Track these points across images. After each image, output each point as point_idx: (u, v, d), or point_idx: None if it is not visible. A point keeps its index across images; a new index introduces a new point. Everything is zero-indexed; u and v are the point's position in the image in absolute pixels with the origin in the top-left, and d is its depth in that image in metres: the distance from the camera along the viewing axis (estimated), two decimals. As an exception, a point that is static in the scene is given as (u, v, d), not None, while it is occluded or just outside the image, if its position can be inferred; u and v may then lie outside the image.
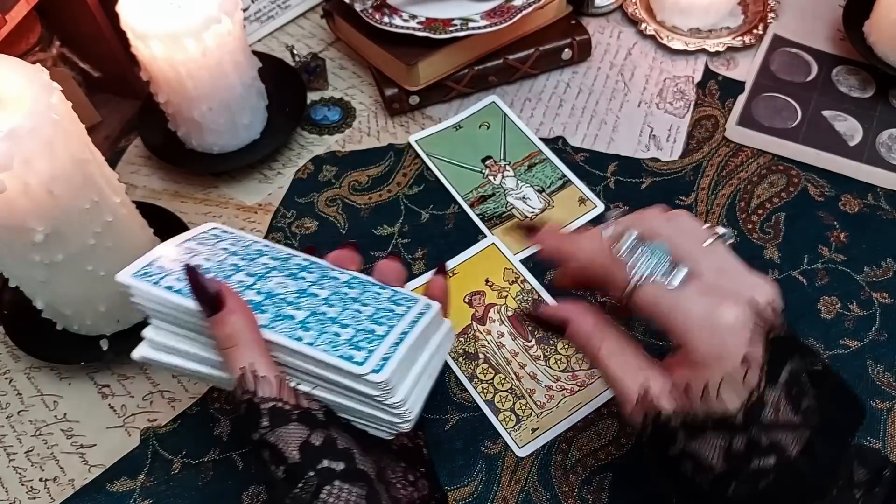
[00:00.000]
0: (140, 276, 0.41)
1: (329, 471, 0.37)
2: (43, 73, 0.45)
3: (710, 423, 0.35)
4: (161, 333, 0.42)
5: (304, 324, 0.41)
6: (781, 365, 0.35)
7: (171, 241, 0.45)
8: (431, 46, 0.66)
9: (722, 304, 0.35)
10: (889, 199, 0.62)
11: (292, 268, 0.45)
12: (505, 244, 0.61)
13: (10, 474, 0.52)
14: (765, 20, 0.74)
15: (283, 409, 0.38)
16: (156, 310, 0.41)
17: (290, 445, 0.37)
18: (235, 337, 0.39)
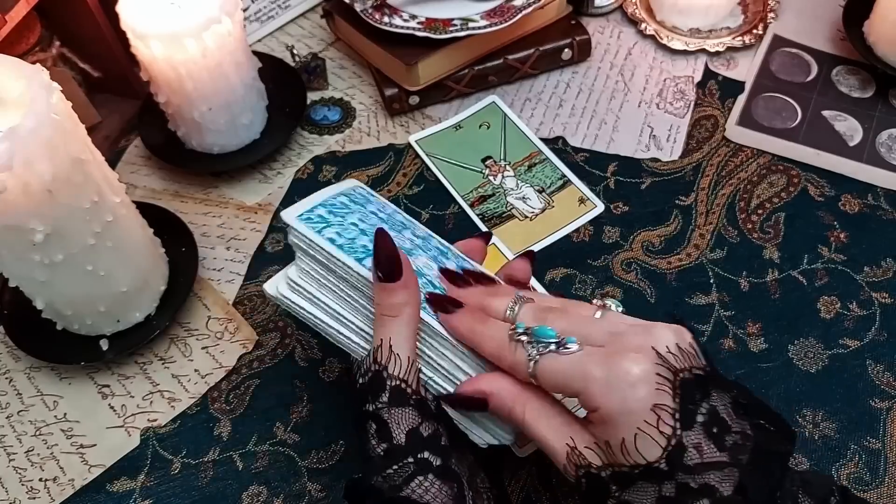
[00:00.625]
0: (303, 220, 0.42)
1: (427, 462, 0.38)
2: (43, 73, 0.45)
3: (637, 473, 0.35)
4: (304, 277, 0.43)
5: None
6: (696, 405, 0.35)
7: (325, 192, 0.45)
8: (431, 46, 0.66)
9: (620, 359, 0.35)
10: (889, 199, 0.62)
11: (433, 250, 0.46)
12: (504, 244, 0.61)
13: (10, 474, 0.52)
14: (765, 20, 0.74)
15: (405, 390, 0.39)
16: (311, 255, 0.42)
17: (400, 427, 0.38)
18: (399, 308, 0.40)
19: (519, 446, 0.45)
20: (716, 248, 0.60)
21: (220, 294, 0.60)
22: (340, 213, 0.44)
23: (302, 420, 0.53)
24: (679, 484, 0.34)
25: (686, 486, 0.34)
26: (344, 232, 0.42)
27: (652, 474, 0.35)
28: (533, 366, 0.38)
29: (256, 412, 0.54)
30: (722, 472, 0.34)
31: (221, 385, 0.55)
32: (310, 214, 0.43)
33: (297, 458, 0.52)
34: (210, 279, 0.61)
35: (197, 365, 0.56)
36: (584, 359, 0.37)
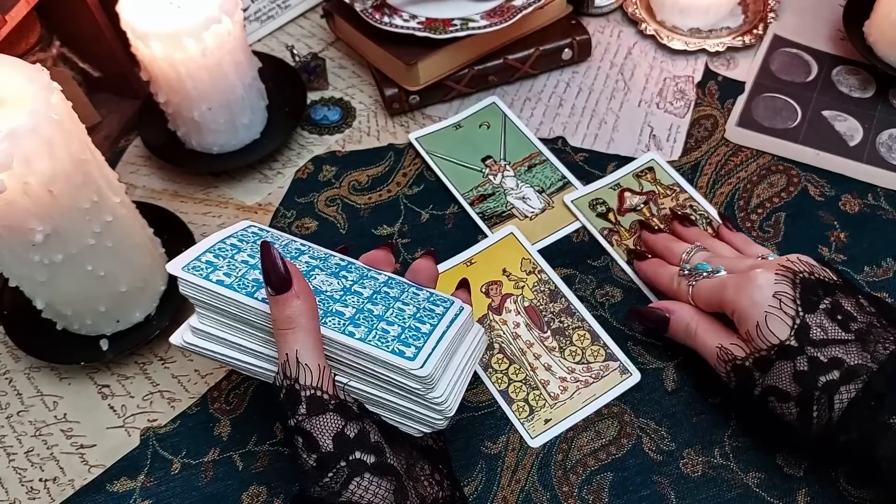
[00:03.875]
0: (189, 269, 0.43)
1: (360, 463, 0.38)
2: (43, 73, 0.45)
3: (773, 353, 0.43)
4: (206, 322, 0.44)
5: (353, 320, 0.42)
6: (817, 296, 0.44)
7: (213, 237, 0.47)
8: (431, 46, 0.66)
9: (749, 271, 0.47)
10: (889, 199, 0.62)
11: (332, 267, 0.47)
12: (523, 234, 0.61)
13: (9, 474, 0.52)
14: (765, 20, 0.74)
15: (321, 398, 0.39)
16: (204, 301, 0.43)
17: (324, 434, 0.38)
18: (294, 320, 0.40)
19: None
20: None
21: (220, 294, 0.60)
22: (228, 254, 0.45)
23: (302, 420, 0.53)
24: (810, 358, 0.42)
25: (816, 360, 0.42)
26: (232, 270, 0.44)
27: (785, 352, 0.43)
28: (691, 289, 0.50)
29: (256, 412, 0.54)
30: (847, 347, 0.42)
31: (221, 385, 0.55)
32: (196, 262, 0.44)
33: (297, 458, 0.52)
34: (210, 279, 0.61)
35: (197, 365, 0.56)
36: (725, 279, 0.48)
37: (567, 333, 0.56)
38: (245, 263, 0.45)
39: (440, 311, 0.46)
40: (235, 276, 0.43)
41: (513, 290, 0.58)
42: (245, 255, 0.45)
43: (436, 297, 0.48)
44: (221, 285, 0.42)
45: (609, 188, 0.64)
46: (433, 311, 0.46)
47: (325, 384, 0.39)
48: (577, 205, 0.63)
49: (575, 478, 0.50)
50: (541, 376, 0.54)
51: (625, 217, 0.62)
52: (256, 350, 0.44)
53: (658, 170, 0.65)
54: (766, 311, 0.44)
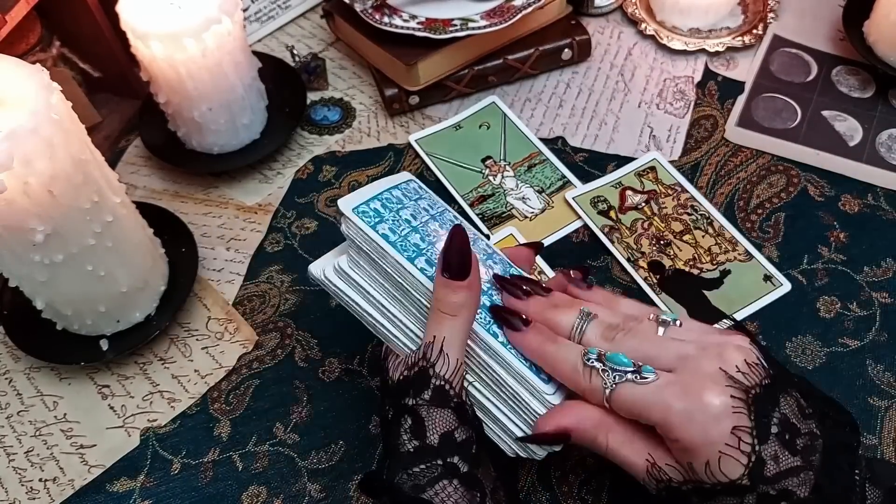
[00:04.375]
0: (359, 213, 0.42)
1: (455, 468, 0.37)
2: (43, 73, 0.45)
3: (719, 489, 0.36)
4: (354, 268, 0.43)
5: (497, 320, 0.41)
6: (769, 417, 0.36)
7: (379, 184, 0.45)
8: (431, 46, 0.66)
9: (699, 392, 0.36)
10: (889, 199, 0.62)
11: (481, 252, 0.45)
12: (523, 235, 0.61)
13: (9, 474, 0.52)
14: (765, 20, 0.74)
15: (448, 392, 0.39)
16: (363, 249, 0.42)
17: (435, 428, 0.38)
18: (458, 308, 0.39)
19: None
20: (716, 248, 0.60)
21: (219, 294, 0.60)
22: (394, 207, 0.44)
23: (302, 420, 0.53)
24: (760, 494, 0.35)
25: (766, 495, 0.35)
26: (397, 228, 0.42)
27: (734, 490, 0.36)
28: (609, 393, 0.38)
29: (256, 412, 0.54)
30: (798, 477, 0.35)
31: (221, 385, 0.55)
32: (365, 207, 0.43)
33: (297, 459, 0.52)
34: (210, 279, 0.61)
35: (197, 365, 0.56)
36: (663, 390, 0.37)
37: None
38: (408, 223, 0.43)
39: None
40: (399, 235, 0.42)
41: (513, 290, 0.58)
42: (408, 214, 0.44)
43: None
44: (386, 241, 0.41)
45: (611, 186, 0.64)
46: None
47: (456, 380, 0.39)
48: (579, 202, 0.63)
49: (575, 478, 0.50)
50: (541, 376, 0.54)
51: (626, 215, 0.62)
52: (394, 314, 0.43)
53: (660, 169, 0.65)
54: (720, 450, 0.35)
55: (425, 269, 0.41)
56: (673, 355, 0.38)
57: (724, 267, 0.58)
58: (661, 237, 0.60)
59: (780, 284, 0.57)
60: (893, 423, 0.51)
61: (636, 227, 0.61)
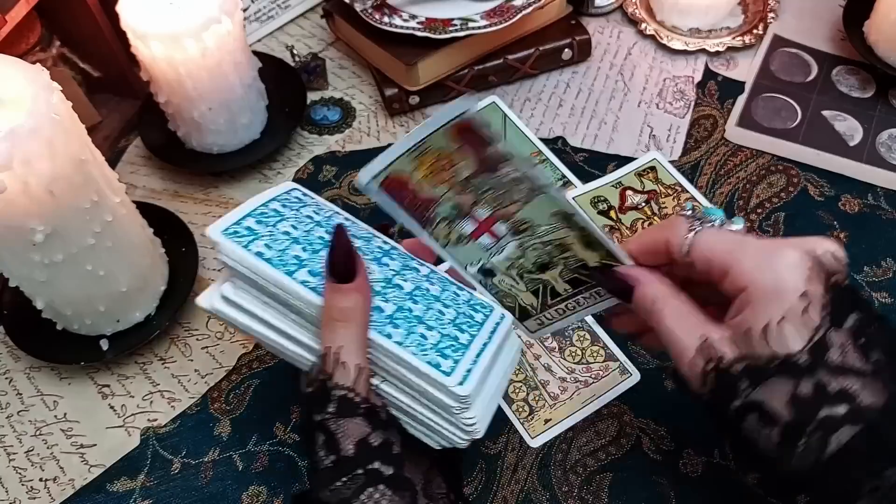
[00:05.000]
0: (229, 235, 0.40)
1: (377, 473, 0.36)
2: (43, 73, 0.45)
3: (774, 366, 0.33)
4: (237, 292, 0.41)
5: (392, 319, 0.40)
6: (845, 311, 0.34)
7: (256, 199, 0.43)
8: (431, 46, 0.66)
9: (779, 243, 0.35)
10: (889, 199, 0.62)
11: (375, 251, 0.44)
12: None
13: (10, 474, 0.52)
14: (765, 20, 0.74)
15: (353, 400, 0.37)
16: (239, 270, 0.40)
17: (348, 438, 0.37)
18: (348, 313, 0.38)
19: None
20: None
21: (220, 294, 0.60)
22: (271, 221, 0.42)
23: (302, 420, 0.53)
24: (817, 383, 0.33)
25: (823, 388, 0.33)
26: (274, 243, 0.40)
27: (789, 368, 0.33)
28: (692, 237, 0.37)
29: (256, 412, 0.54)
30: (864, 380, 0.33)
31: (221, 385, 0.55)
32: (236, 227, 0.41)
33: (297, 458, 0.52)
34: (210, 279, 0.61)
35: (197, 365, 0.56)
36: (744, 238, 0.36)
37: (567, 334, 0.56)
38: (287, 236, 0.41)
39: (480, 319, 0.42)
40: (276, 250, 0.40)
41: (513, 289, 0.58)
42: (288, 226, 0.42)
43: (476, 302, 0.44)
44: (261, 258, 0.39)
45: (611, 186, 0.64)
46: (473, 319, 0.42)
47: (360, 386, 0.38)
48: (579, 202, 0.63)
49: (575, 478, 0.50)
50: (540, 377, 0.54)
51: (626, 215, 0.62)
52: (289, 333, 0.41)
53: (660, 169, 0.65)
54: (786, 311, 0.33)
55: (307, 282, 0.39)
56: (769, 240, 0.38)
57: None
58: (661, 237, 0.60)
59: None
60: (893, 422, 0.51)
61: (636, 227, 0.61)
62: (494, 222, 0.44)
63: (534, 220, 0.43)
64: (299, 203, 0.44)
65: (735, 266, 0.35)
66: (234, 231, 0.40)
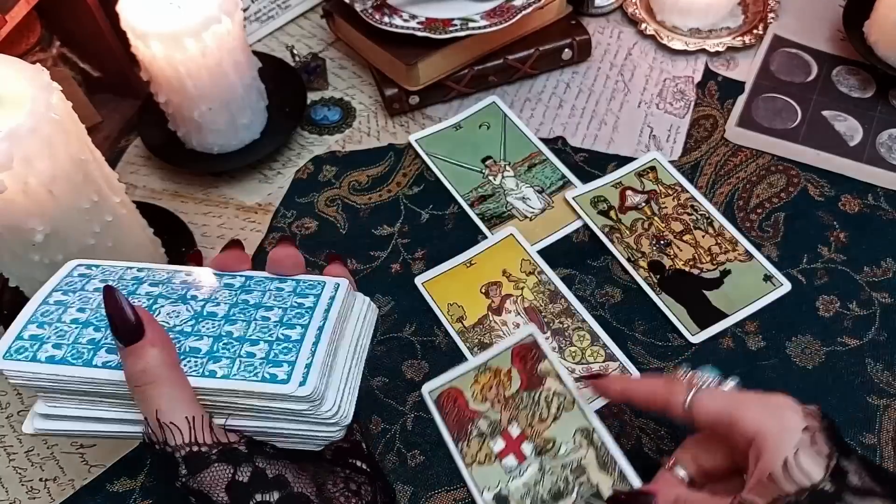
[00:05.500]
0: (12, 356, 0.37)
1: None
2: (43, 73, 0.45)
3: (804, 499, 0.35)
4: (52, 403, 0.38)
5: (211, 354, 0.37)
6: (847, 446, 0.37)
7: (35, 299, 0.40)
8: (431, 46, 0.66)
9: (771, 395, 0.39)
10: (889, 199, 0.62)
11: (178, 288, 0.41)
12: (523, 235, 0.61)
13: (10, 474, 0.52)
14: (765, 20, 0.74)
15: (199, 452, 0.35)
16: (41, 385, 0.37)
17: (215, 488, 0.34)
18: (151, 372, 0.35)
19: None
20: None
21: (220, 294, 0.60)
22: (54, 316, 0.39)
23: (302, 420, 0.53)
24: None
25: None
26: (62, 338, 0.38)
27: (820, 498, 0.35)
28: (692, 397, 0.41)
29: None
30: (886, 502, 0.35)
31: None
32: (19, 343, 0.38)
33: (297, 458, 0.52)
34: (210, 279, 0.61)
35: (197, 365, 0.56)
36: (741, 395, 0.40)
37: (567, 334, 0.56)
38: (75, 323, 0.38)
39: (311, 303, 0.40)
40: (67, 344, 0.37)
41: (512, 290, 0.58)
42: (74, 312, 0.39)
43: (304, 285, 0.41)
44: (53, 362, 0.36)
45: (611, 186, 0.64)
46: (302, 307, 0.39)
47: (201, 435, 0.35)
48: (579, 202, 0.63)
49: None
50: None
51: (626, 215, 0.62)
52: (120, 417, 0.38)
53: (660, 169, 0.65)
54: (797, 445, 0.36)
55: (108, 362, 0.37)
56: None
57: (725, 267, 0.58)
58: (661, 237, 0.60)
59: (780, 284, 0.57)
60: (892, 421, 0.51)
61: (636, 227, 0.61)
62: (523, 440, 0.49)
63: (558, 437, 0.49)
64: (84, 280, 0.41)
65: (740, 419, 0.39)
66: (18, 347, 0.38)
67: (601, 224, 0.61)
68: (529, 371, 0.52)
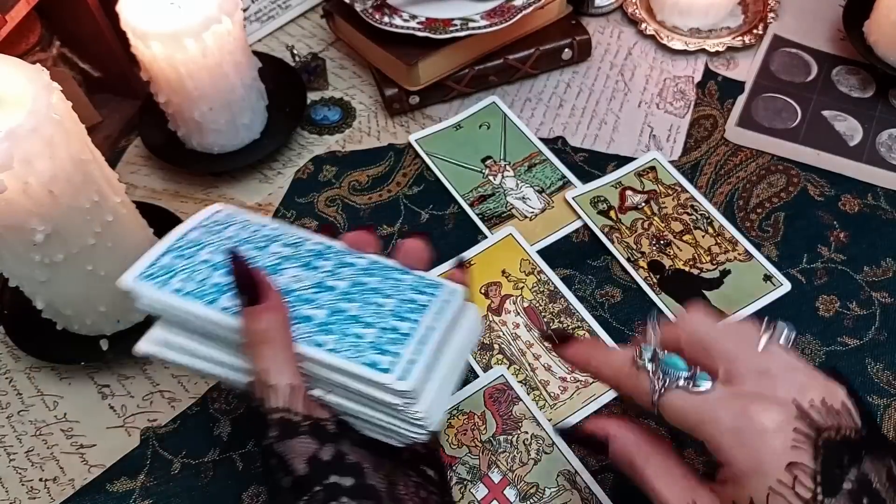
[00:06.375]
0: (144, 278, 0.39)
1: (336, 486, 0.35)
2: (43, 73, 0.45)
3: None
4: (169, 331, 0.40)
5: (323, 326, 0.38)
6: (843, 470, 0.31)
7: (176, 231, 0.42)
8: (431, 46, 0.66)
9: (753, 408, 0.32)
10: (889, 199, 0.62)
11: (305, 255, 0.42)
12: (523, 234, 0.61)
13: (10, 474, 0.52)
14: (765, 20, 0.74)
15: (291, 420, 0.36)
16: (163, 312, 0.40)
17: (297, 458, 0.36)
18: (266, 335, 0.37)
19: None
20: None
21: (220, 294, 0.60)
22: (189, 252, 0.41)
23: (302, 420, 0.53)
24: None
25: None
26: (193, 275, 0.39)
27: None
28: (658, 397, 0.34)
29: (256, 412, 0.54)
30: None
31: (221, 385, 0.55)
32: (151, 269, 0.40)
33: (297, 458, 0.52)
34: (210, 279, 0.61)
35: (197, 365, 0.56)
36: (716, 402, 0.33)
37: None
38: (206, 264, 0.40)
39: (425, 301, 0.40)
40: (195, 282, 0.39)
41: (512, 290, 0.58)
42: (207, 254, 0.41)
43: (422, 283, 0.41)
44: (179, 295, 0.38)
45: (611, 186, 0.64)
46: (416, 303, 0.40)
47: (297, 404, 0.37)
48: (579, 202, 0.63)
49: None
50: (541, 377, 0.54)
51: (626, 215, 0.62)
52: (227, 362, 0.40)
53: (660, 169, 0.65)
54: (771, 487, 0.31)
55: (228, 308, 0.38)
56: (752, 368, 0.34)
57: (724, 267, 0.58)
58: (661, 237, 0.60)
59: (780, 284, 0.57)
60: (893, 421, 0.51)
61: (636, 226, 0.61)
62: (506, 486, 0.48)
63: (541, 482, 0.47)
64: (222, 225, 0.43)
65: (708, 437, 0.33)
66: (150, 273, 0.40)
67: (601, 224, 0.61)
68: (504, 413, 0.51)
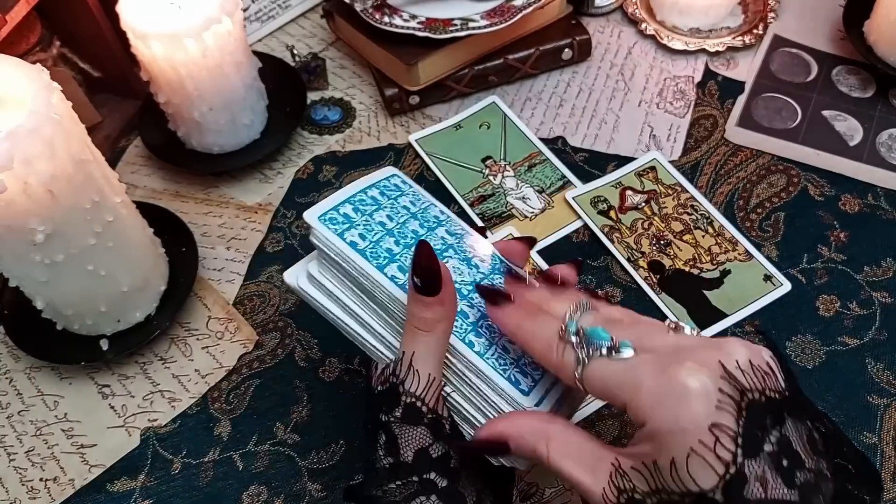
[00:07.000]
0: (326, 221, 0.40)
1: (432, 484, 0.36)
2: (43, 73, 0.45)
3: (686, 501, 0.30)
4: (326, 276, 0.41)
5: (475, 327, 0.39)
6: (765, 431, 0.30)
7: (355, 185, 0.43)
8: (431, 46, 0.66)
9: (676, 369, 0.31)
10: (889, 199, 0.62)
11: (466, 249, 0.42)
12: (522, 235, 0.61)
13: (10, 474, 0.52)
14: (765, 20, 0.74)
15: (419, 408, 0.37)
16: (331, 256, 0.40)
17: (409, 445, 0.37)
18: (431, 324, 0.37)
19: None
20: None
21: (220, 294, 0.60)
22: (367, 209, 0.42)
23: (302, 420, 0.53)
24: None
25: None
26: (368, 234, 0.40)
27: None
28: (581, 370, 0.34)
29: (256, 412, 0.54)
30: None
31: (221, 385, 0.55)
32: (334, 213, 0.41)
33: (297, 458, 0.52)
34: (210, 279, 0.61)
35: (197, 365, 0.56)
36: (637, 367, 0.33)
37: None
38: (382, 227, 0.41)
39: None
40: (370, 241, 0.40)
41: (513, 289, 0.58)
42: (383, 216, 0.42)
43: None
44: (354, 248, 0.39)
45: (611, 186, 0.64)
46: None
47: (429, 396, 0.37)
48: (579, 202, 0.63)
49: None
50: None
51: (626, 215, 0.62)
52: (369, 324, 0.41)
53: (660, 169, 0.65)
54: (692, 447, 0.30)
55: (396, 278, 0.39)
56: (670, 345, 0.33)
57: (725, 267, 0.58)
58: (661, 237, 0.60)
59: (780, 284, 0.57)
60: (893, 421, 0.51)
61: (636, 226, 0.61)
62: None
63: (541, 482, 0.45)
64: (397, 191, 0.44)
65: (630, 402, 0.32)
66: (331, 217, 0.41)
67: (601, 224, 0.61)
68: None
